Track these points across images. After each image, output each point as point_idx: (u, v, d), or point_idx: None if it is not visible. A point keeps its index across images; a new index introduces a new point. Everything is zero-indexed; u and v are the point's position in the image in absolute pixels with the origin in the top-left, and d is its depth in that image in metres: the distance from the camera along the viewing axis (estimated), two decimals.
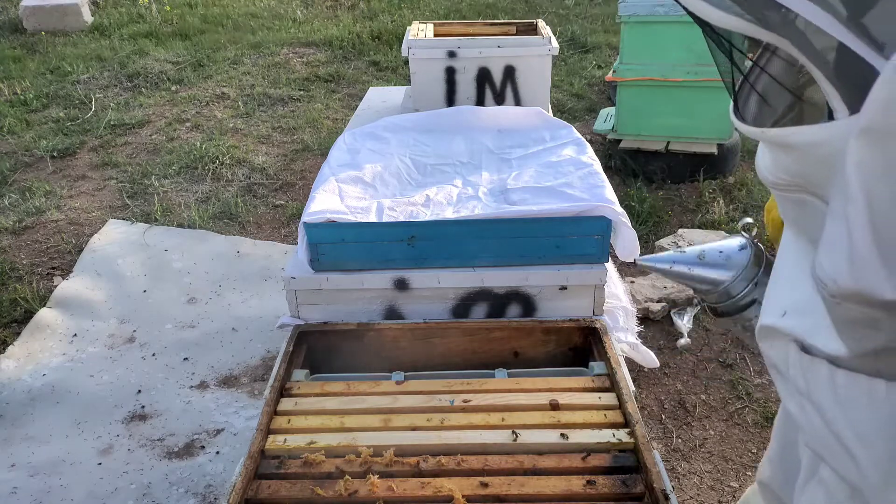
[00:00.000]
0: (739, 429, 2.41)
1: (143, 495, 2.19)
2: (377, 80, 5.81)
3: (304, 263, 1.83)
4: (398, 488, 1.28)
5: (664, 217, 3.68)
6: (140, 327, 2.96)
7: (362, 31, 6.85)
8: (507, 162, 2.18)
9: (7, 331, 2.96)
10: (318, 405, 1.51)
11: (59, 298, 3.11)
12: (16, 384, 2.65)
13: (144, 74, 5.92)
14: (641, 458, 1.33)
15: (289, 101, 5.39)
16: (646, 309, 2.92)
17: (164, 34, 7.02)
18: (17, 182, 4.23)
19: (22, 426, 2.47)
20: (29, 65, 6.21)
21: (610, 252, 1.86)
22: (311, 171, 4.27)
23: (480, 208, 1.89)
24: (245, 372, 2.71)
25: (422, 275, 1.83)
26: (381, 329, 1.79)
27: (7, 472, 2.28)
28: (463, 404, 1.49)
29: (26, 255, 3.49)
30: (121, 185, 4.18)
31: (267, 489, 1.30)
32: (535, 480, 1.29)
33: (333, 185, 2.01)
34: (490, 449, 1.38)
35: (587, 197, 1.85)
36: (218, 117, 5.10)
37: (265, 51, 6.51)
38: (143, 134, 4.90)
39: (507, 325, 1.79)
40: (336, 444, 1.39)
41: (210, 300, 3.12)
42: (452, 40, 2.97)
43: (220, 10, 7.82)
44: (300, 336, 1.78)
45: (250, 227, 3.74)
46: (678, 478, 2.24)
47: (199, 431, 2.43)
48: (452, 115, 2.49)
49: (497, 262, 1.83)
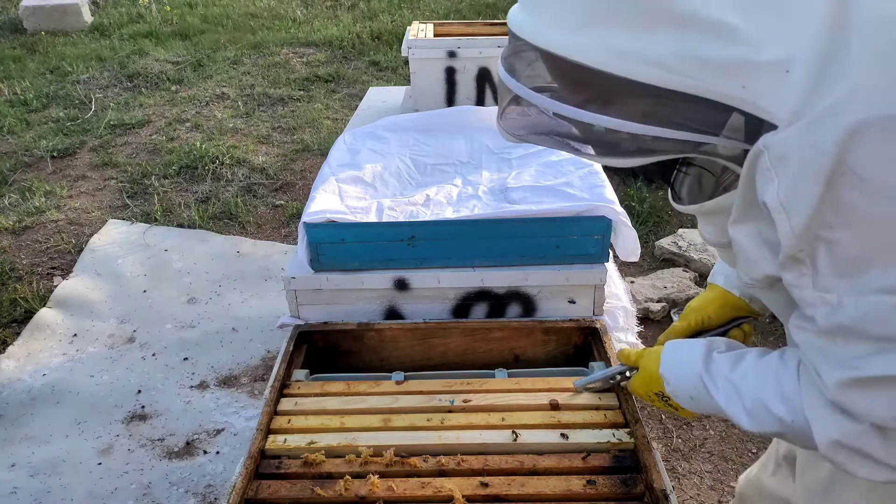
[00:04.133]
0: (739, 429, 2.41)
1: (143, 495, 2.19)
2: (377, 80, 5.81)
3: (304, 263, 1.83)
4: (398, 488, 1.28)
5: (664, 217, 3.68)
6: (140, 327, 2.96)
7: (362, 31, 6.85)
8: (507, 161, 2.18)
9: (7, 331, 2.96)
10: (318, 405, 1.51)
11: (59, 298, 3.11)
12: (16, 384, 2.65)
13: (144, 74, 5.92)
14: (641, 458, 1.33)
15: (289, 101, 5.39)
16: (646, 309, 2.91)
17: (164, 34, 7.02)
18: (17, 182, 4.23)
19: (22, 426, 2.47)
20: (29, 65, 6.22)
21: (610, 252, 1.86)
22: (311, 171, 4.27)
23: (480, 208, 1.89)
24: (245, 372, 2.71)
25: (422, 275, 1.82)
26: (381, 329, 1.78)
27: (7, 472, 2.28)
28: (463, 404, 1.49)
29: (26, 255, 3.49)
30: (121, 185, 4.18)
31: (267, 489, 1.30)
32: (535, 480, 1.29)
33: (333, 185, 2.01)
34: (490, 449, 1.38)
35: (587, 196, 1.85)
36: (218, 117, 5.10)
37: (265, 51, 6.51)
38: (143, 134, 4.90)
39: (507, 325, 1.79)
40: (336, 444, 1.39)
41: (210, 300, 3.12)
42: (452, 40, 2.97)
43: (220, 10, 7.82)
44: (300, 336, 1.77)
45: (250, 227, 3.74)
46: (678, 478, 2.24)
47: (199, 431, 2.43)
48: (452, 115, 2.49)
49: (497, 262, 1.83)
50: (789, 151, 0.74)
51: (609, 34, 0.78)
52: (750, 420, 0.97)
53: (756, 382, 0.97)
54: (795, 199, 0.74)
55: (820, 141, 0.71)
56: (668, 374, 1.13)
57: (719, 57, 0.76)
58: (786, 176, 0.74)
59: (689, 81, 0.77)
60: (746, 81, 0.76)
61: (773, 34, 0.75)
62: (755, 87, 0.76)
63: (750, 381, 0.98)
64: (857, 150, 0.70)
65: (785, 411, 0.92)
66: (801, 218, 0.74)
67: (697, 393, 1.07)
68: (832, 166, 0.71)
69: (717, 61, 0.76)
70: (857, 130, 0.69)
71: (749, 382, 0.98)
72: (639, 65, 0.78)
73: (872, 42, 0.72)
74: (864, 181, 0.70)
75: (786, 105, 0.74)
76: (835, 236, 0.74)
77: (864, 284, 0.74)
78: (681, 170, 1.01)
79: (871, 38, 0.72)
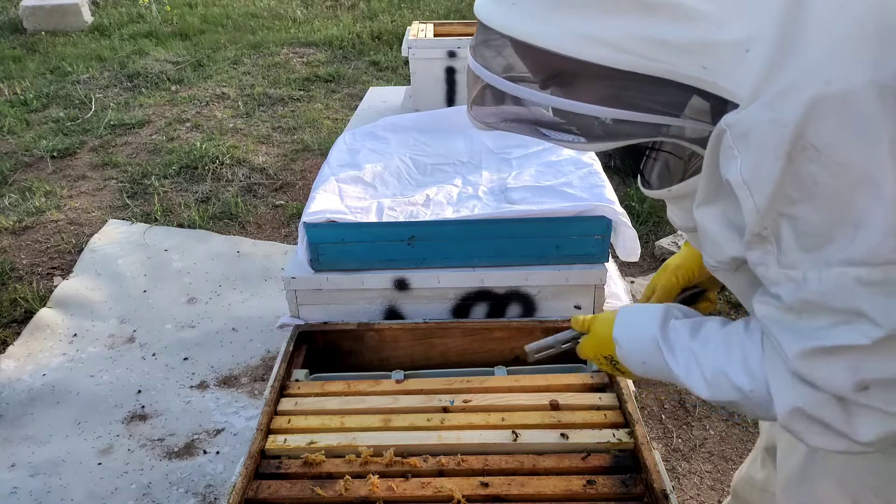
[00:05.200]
0: (739, 429, 2.41)
1: (143, 495, 2.19)
2: (377, 80, 5.80)
3: (304, 263, 1.83)
4: (398, 488, 1.28)
5: (664, 217, 3.67)
6: (140, 327, 2.96)
7: (362, 31, 6.84)
8: (507, 161, 2.18)
9: (7, 331, 2.96)
10: (318, 405, 1.51)
11: (59, 298, 3.11)
12: (16, 384, 2.65)
13: (144, 74, 5.92)
14: (641, 458, 1.33)
15: (289, 101, 5.39)
16: None
17: (164, 34, 7.02)
18: (17, 182, 4.23)
19: (22, 426, 2.47)
20: (29, 65, 6.21)
21: (610, 251, 1.86)
22: (311, 171, 4.27)
23: (480, 208, 1.89)
24: (245, 372, 2.71)
25: (422, 275, 1.82)
26: (381, 329, 1.79)
27: (7, 472, 2.28)
28: (463, 404, 1.49)
29: (26, 255, 3.49)
30: (121, 185, 4.18)
31: (267, 489, 1.30)
32: (535, 480, 1.29)
33: (333, 185, 2.01)
34: (490, 449, 1.38)
35: (587, 196, 1.85)
36: (218, 117, 5.10)
37: (265, 51, 6.51)
38: (143, 134, 4.90)
39: (507, 325, 1.79)
40: (336, 444, 1.39)
41: (210, 300, 3.12)
42: (452, 40, 2.97)
43: (220, 10, 7.82)
44: (300, 336, 1.78)
45: (250, 227, 3.74)
46: (678, 478, 2.24)
47: (199, 431, 2.43)
48: (452, 115, 2.49)
49: (497, 261, 1.83)
50: (750, 128, 0.75)
51: (573, 19, 0.80)
52: (708, 389, 0.97)
53: (718, 352, 0.98)
54: (758, 176, 0.75)
55: (780, 117, 0.72)
56: (621, 337, 1.13)
57: (679, 38, 0.77)
58: (748, 153, 0.76)
59: (652, 64, 0.79)
60: (707, 62, 0.77)
61: (732, 15, 0.77)
62: (716, 67, 0.77)
63: (711, 351, 0.99)
64: (816, 124, 0.71)
65: (746, 381, 0.93)
66: (763, 194, 0.76)
67: (650, 358, 1.07)
68: (792, 141, 0.72)
69: (678, 43, 0.78)
70: (816, 105, 0.71)
71: (710, 351, 0.99)
72: (602, 49, 0.80)
73: (829, 20, 0.73)
74: (823, 155, 0.72)
75: (746, 84, 0.75)
76: (797, 212, 0.75)
77: (828, 258, 0.75)
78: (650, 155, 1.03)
79: (828, 15, 0.73)
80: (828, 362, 0.80)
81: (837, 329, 0.78)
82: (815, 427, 0.85)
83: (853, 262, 0.74)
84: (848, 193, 0.72)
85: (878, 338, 0.75)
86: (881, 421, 0.80)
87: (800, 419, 0.86)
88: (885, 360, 0.77)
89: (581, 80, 0.86)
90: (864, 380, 0.78)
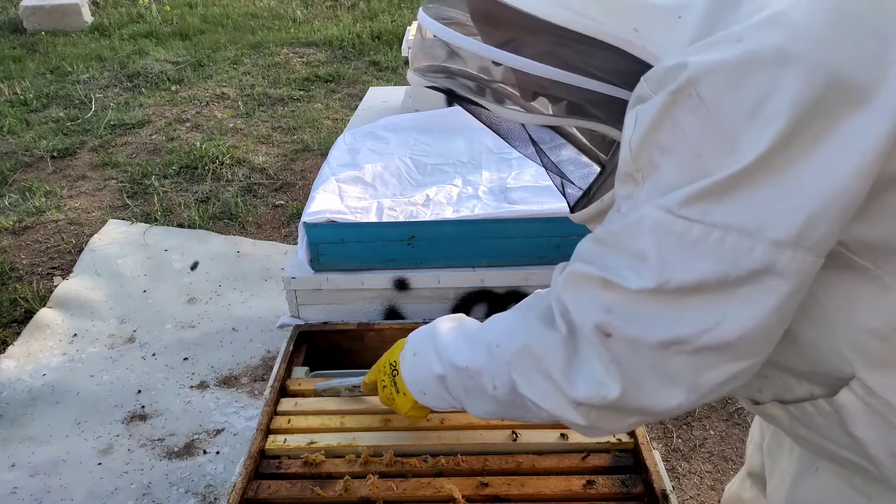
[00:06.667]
0: (739, 429, 2.41)
1: (143, 495, 2.19)
2: (377, 80, 5.80)
3: (304, 263, 1.83)
4: (398, 488, 1.28)
5: None
6: (140, 327, 2.97)
7: (362, 31, 6.84)
8: (507, 161, 2.18)
9: (7, 331, 2.96)
10: (318, 405, 1.51)
11: (59, 298, 3.11)
12: (16, 384, 2.65)
13: (144, 74, 5.92)
14: (641, 458, 1.33)
15: (289, 101, 5.39)
16: None
17: (164, 34, 7.01)
18: (17, 182, 4.23)
19: (22, 426, 2.47)
20: (29, 65, 6.21)
21: None
22: (311, 171, 4.27)
23: (480, 208, 1.89)
24: (245, 372, 2.71)
25: (422, 275, 1.82)
26: (381, 329, 1.79)
27: (7, 472, 2.28)
28: None
29: (26, 255, 3.49)
30: (121, 185, 4.18)
31: (267, 489, 1.30)
32: (535, 480, 1.29)
33: (333, 185, 2.01)
34: (490, 449, 1.38)
35: None
36: (218, 117, 5.10)
37: (265, 51, 6.51)
38: (143, 134, 4.90)
39: None
40: (336, 445, 1.39)
41: (210, 300, 3.12)
42: None
43: (220, 10, 7.82)
44: (300, 336, 1.77)
45: (250, 227, 3.74)
46: (678, 478, 2.24)
47: (199, 431, 2.43)
48: (452, 115, 2.49)
49: (497, 262, 1.83)
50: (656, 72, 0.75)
51: None
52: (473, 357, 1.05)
53: (490, 324, 1.07)
54: (644, 108, 0.75)
55: (684, 61, 0.72)
56: (411, 339, 1.22)
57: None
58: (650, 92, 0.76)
59: (585, 21, 0.79)
60: (639, 24, 0.78)
61: None
62: (646, 30, 0.78)
63: (491, 328, 1.06)
64: (712, 77, 0.70)
65: (496, 335, 0.99)
66: (641, 128, 0.75)
67: (421, 355, 1.17)
68: (683, 84, 0.71)
69: (614, 1, 0.78)
70: (722, 63, 0.70)
71: (491, 328, 1.06)
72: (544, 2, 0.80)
73: None
74: (703, 106, 0.71)
75: (671, 51, 0.75)
76: (661, 161, 0.75)
77: (662, 202, 0.75)
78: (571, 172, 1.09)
79: None
80: (588, 291, 0.81)
81: (619, 267, 0.79)
82: (536, 372, 0.88)
83: (664, 207, 0.74)
84: (707, 153, 0.72)
85: (645, 287, 0.76)
86: (597, 382, 0.82)
87: (526, 360, 0.89)
88: (640, 316, 0.78)
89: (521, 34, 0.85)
90: (609, 325, 0.79)
